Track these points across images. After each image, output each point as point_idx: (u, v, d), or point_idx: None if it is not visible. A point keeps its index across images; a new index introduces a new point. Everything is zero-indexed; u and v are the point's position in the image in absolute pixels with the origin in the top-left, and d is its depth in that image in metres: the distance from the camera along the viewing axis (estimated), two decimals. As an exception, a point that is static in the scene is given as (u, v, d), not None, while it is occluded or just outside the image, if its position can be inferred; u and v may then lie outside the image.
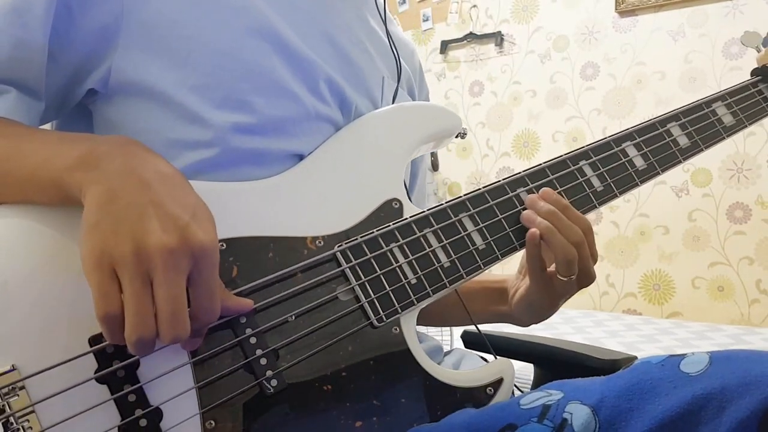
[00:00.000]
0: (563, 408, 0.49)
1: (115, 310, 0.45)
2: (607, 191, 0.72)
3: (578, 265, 0.64)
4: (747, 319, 2.43)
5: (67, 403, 0.48)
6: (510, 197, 0.68)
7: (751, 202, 2.43)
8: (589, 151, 0.73)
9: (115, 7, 0.59)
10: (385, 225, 0.63)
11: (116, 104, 0.61)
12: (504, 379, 0.62)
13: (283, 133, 0.63)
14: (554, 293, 0.68)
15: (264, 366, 0.54)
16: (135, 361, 0.51)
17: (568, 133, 2.81)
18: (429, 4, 3.16)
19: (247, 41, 0.62)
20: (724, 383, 0.44)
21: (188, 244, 0.46)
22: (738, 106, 0.84)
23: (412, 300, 0.61)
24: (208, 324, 0.50)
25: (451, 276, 0.63)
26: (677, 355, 0.49)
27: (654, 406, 0.45)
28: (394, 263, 0.61)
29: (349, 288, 0.60)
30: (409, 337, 0.61)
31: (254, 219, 0.59)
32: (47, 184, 0.51)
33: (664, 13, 2.56)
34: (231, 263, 0.56)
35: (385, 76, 0.76)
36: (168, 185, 0.50)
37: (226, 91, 0.61)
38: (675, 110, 0.80)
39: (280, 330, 0.56)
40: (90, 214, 0.46)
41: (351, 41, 0.72)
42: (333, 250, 0.60)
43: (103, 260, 0.45)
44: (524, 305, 0.73)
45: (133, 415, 0.50)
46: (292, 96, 0.64)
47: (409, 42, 0.88)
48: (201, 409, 0.52)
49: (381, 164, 0.67)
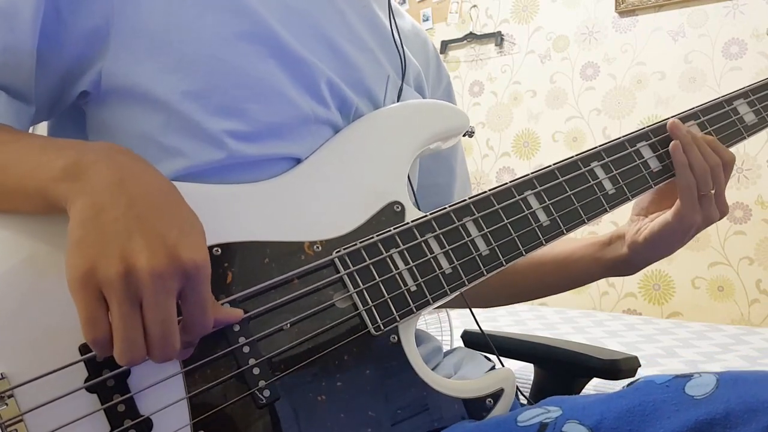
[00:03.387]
0: (560, 427, 0.47)
1: (104, 334, 0.44)
2: (619, 194, 0.70)
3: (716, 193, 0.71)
4: (747, 319, 2.42)
5: (56, 413, 0.48)
6: (517, 200, 0.65)
7: (751, 202, 2.42)
8: (601, 151, 0.70)
9: (105, 9, 0.58)
10: (386, 230, 0.61)
11: (109, 107, 0.60)
12: (504, 389, 0.60)
13: (279, 138, 0.62)
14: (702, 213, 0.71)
15: (257, 376, 0.54)
16: (125, 370, 0.50)
17: (568, 133, 2.80)
18: (429, 4, 3.16)
19: (241, 46, 0.61)
20: (728, 408, 0.42)
21: (178, 264, 0.45)
22: (761, 104, 0.79)
23: (411, 308, 0.59)
24: (199, 336, 0.49)
25: (453, 283, 0.61)
26: (684, 375, 0.48)
27: (655, 430, 0.44)
28: (393, 270, 0.60)
29: (347, 295, 0.58)
30: (407, 346, 0.59)
31: (250, 223, 0.58)
32: (33, 194, 0.50)
33: (664, 13, 2.55)
34: (225, 269, 0.55)
35: (390, 74, 0.73)
36: (156, 198, 0.48)
37: (220, 98, 0.60)
38: (693, 108, 0.77)
39: (275, 338, 0.55)
40: (75, 228, 0.46)
41: (350, 41, 0.70)
42: (331, 255, 0.59)
43: (89, 280, 0.44)
44: (665, 234, 0.73)
45: (122, 425, 0.49)
46: (289, 100, 0.62)
47: (420, 31, 0.85)
48: (192, 419, 0.51)
49: (383, 165, 0.64)
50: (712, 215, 0.72)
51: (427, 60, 0.84)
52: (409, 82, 0.77)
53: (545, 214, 0.66)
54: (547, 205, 0.66)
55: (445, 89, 0.88)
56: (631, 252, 0.77)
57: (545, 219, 0.66)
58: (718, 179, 0.72)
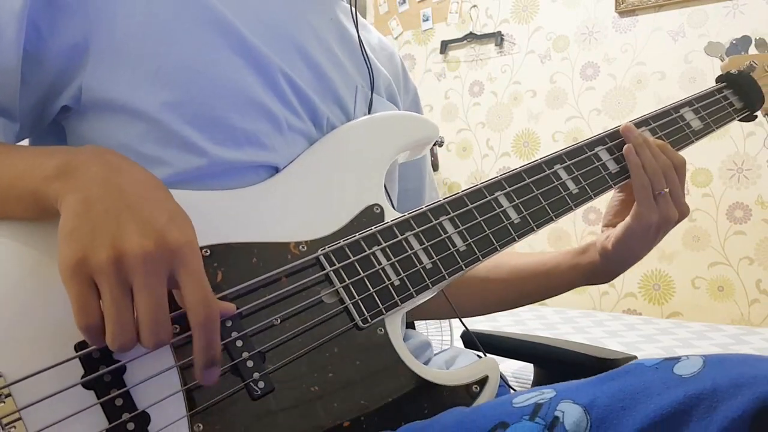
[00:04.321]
0: (555, 406, 0.49)
1: (95, 321, 0.45)
2: (582, 194, 0.75)
3: (672, 193, 0.76)
4: (747, 319, 2.43)
5: (53, 409, 0.48)
6: (488, 200, 0.69)
7: (751, 202, 2.43)
8: (563, 155, 0.77)
9: (83, 25, 0.58)
10: (367, 228, 0.64)
11: (89, 120, 0.61)
12: (489, 376, 0.63)
13: (257, 146, 0.64)
14: (659, 212, 0.76)
15: (251, 368, 0.55)
16: (121, 365, 0.51)
17: (568, 133, 2.81)
18: (429, 4, 3.16)
19: (217, 57, 0.62)
20: (715, 384, 0.44)
21: (167, 245, 0.46)
22: (705, 111, 0.88)
23: (396, 301, 0.62)
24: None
25: (434, 277, 0.64)
26: (672, 358, 0.50)
27: (646, 406, 0.45)
28: (377, 265, 0.62)
29: (333, 291, 0.60)
30: (394, 338, 0.61)
31: (236, 226, 0.60)
32: (25, 195, 0.51)
33: (664, 13, 2.56)
34: (215, 269, 0.57)
35: (359, 85, 0.75)
36: (144, 190, 0.50)
37: (198, 107, 0.61)
38: (644, 115, 0.84)
39: (266, 333, 0.57)
40: (66, 222, 0.46)
41: (321, 52, 0.71)
42: (316, 253, 0.61)
43: (81, 269, 0.45)
44: (629, 238, 0.78)
45: (120, 419, 0.50)
46: (265, 110, 0.64)
47: (387, 45, 0.88)
48: (188, 411, 0.52)
49: (360, 173, 0.68)
50: (670, 214, 0.77)
51: (396, 72, 0.87)
52: (380, 92, 0.79)
53: (515, 212, 0.70)
54: (517, 203, 0.71)
55: (412, 100, 0.92)
56: (603, 258, 0.81)
57: (516, 216, 0.70)
58: (671, 179, 0.77)
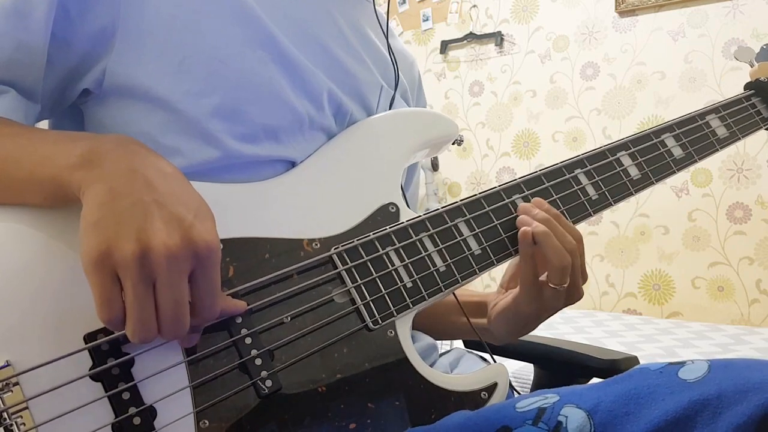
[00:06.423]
0: (558, 411, 0.49)
1: (117, 314, 0.45)
2: (601, 200, 0.73)
3: (570, 276, 0.63)
4: (747, 319, 2.43)
5: (60, 400, 0.48)
6: (506, 203, 0.68)
7: (751, 202, 2.43)
8: (584, 159, 0.74)
9: (112, 10, 0.58)
10: (382, 228, 0.63)
11: (109, 106, 0.61)
12: (498, 383, 0.62)
13: (275, 141, 0.63)
14: (542, 304, 0.65)
15: (259, 366, 0.54)
16: (130, 359, 0.51)
17: (568, 133, 2.81)
18: (429, 4, 3.16)
19: (244, 49, 0.62)
20: (720, 389, 0.44)
21: (192, 245, 0.46)
22: (732, 119, 0.85)
23: (408, 303, 0.61)
24: (208, 321, 0.50)
25: (447, 280, 0.63)
26: (677, 362, 0.49)
27: (650, 411, 0.45)
28: (390, 266, 0.61)
29: (344, 290, 0.60)
30: (404, 340, 0.60)
31: (250, 220, 0.59)
32: (46, 181, 0.51)
33: (664, 13, 2.56)
34: (228, 263, 0.56)
35: (383, 85, 0.76)
36: (171, 185, 0.50)
37: (220, 99, 0.61)
38: (669, 122, 0.81)
39: (276, 331, 0.56)
40: (90, 212, 0.46)
41: (346, 50, 0.72)
42: (329, 252, 0.60)
43: (105, 261, 0.44)
44: (506, 317, 0.69)
45: (126, 412, 0.49)
46: (288, 105, 0.64)
47: (408, 54, 0.89)
48: (195, 408, 0.52)
49: (377, 169, 0.67)
50: (557, 306, 0.65)
51: (413, 81, 0.88)
52: (402, 94, 0.80)
53: None
54: None
55: None
56: (489, 323, 0.73)
57: None
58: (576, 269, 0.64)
